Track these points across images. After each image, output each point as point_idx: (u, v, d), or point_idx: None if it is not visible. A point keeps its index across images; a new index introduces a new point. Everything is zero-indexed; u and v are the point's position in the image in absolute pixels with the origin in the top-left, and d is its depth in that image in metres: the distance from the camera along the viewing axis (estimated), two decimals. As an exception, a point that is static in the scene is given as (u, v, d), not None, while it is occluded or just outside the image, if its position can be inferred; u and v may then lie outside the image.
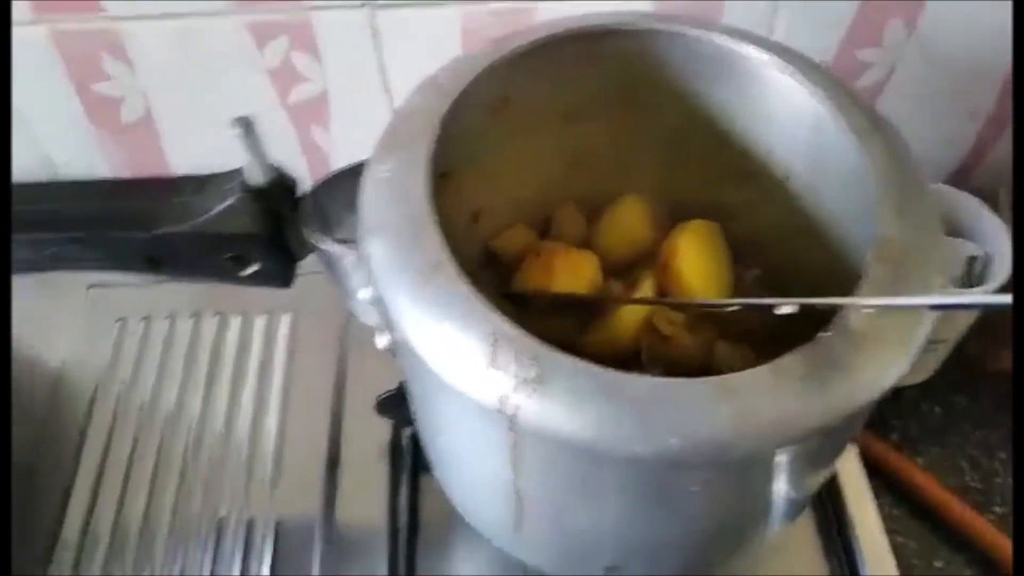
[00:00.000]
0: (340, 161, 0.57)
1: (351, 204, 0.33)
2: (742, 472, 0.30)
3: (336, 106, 0.55)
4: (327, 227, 0.33)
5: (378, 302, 0.32)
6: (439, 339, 0.28)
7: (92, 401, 0.53)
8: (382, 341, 0.33)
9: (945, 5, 0.52)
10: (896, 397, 0.54)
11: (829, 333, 0.27)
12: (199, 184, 0.32)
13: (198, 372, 0.54)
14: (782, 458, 0.29)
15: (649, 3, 0.51)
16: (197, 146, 0.57)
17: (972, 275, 0.49)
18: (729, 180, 0.43)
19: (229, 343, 0.55)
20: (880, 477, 0.50)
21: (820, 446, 0.32)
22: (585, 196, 0.47)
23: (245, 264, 0.32)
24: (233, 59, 0.52)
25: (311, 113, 0.55)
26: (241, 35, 0.50)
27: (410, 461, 0.50)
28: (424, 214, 0.31)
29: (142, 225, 0.31)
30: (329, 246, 0.32)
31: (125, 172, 0.59)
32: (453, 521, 0.47)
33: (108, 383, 0.54)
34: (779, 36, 0.52)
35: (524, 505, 0.32)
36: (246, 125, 0.28)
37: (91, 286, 0.58)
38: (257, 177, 0.30)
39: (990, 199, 0.51)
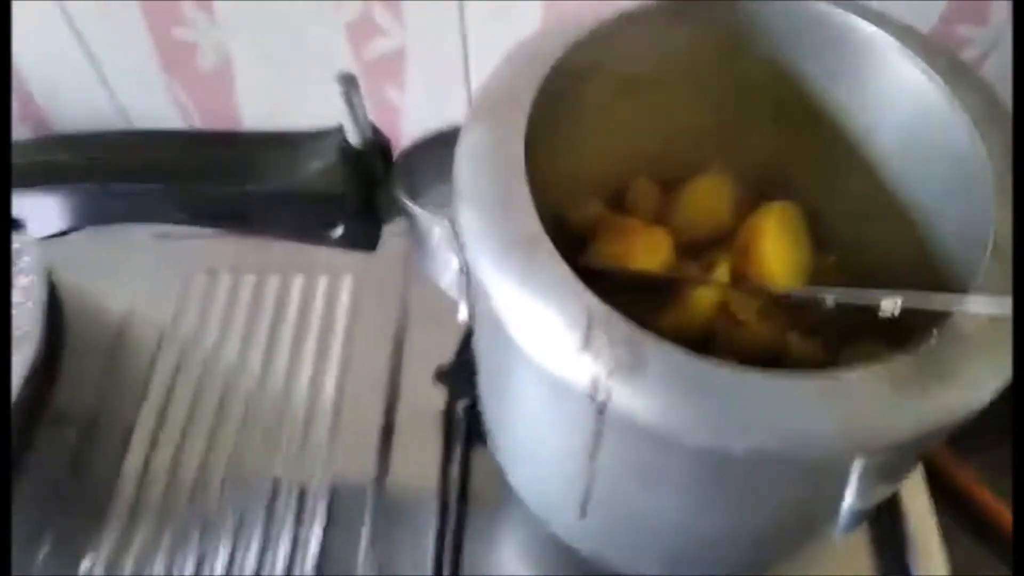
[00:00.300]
0: (411, 122, 0.57)
1: (438, 170, 0.32)
2: (823, 475, 0.30)
3: (412, 66, 0.54)
4: (414, 192, 0.33)
5: (466, 272, 0.31)
6: (531, 316, 0.28)
7: (155, 352, 0.53)
8: (464, 312, 0.33)
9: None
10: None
11: (938, 338, 0.26)
12: (294, 141, 0.31)
13: (260, 329, 0.54)
14: (863, 463, 0.28)
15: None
16: (271, 98, 0.57)
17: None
18: (819, 158, 0.42)
19: (292, 301, 0.55)
20: (930, 481, 0.49)
21: (905, 454, 0.31)
22: (663, 169, 0.46)
23: (333, 225, 0.32)
24: (311, 8, 0.51)
25: (387, 71, 0.54)
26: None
27: (463, 432, 0.50)
28: (518, 185, 0.30)
29: (233, 180, 0.30)
30: (419, 212, 0.32)
31: (197, 123, 0.59)
32: (502, 495, 0.47)
33: (172, 335, 0.54)
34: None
35: (593, 492, 0.32)
36: (349, 82, 0.28)
37: (157, 236, 0.58)
38: (356, 137, 0.30)
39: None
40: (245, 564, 0.46)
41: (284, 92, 0.55)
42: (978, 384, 0.26)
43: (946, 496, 0.49)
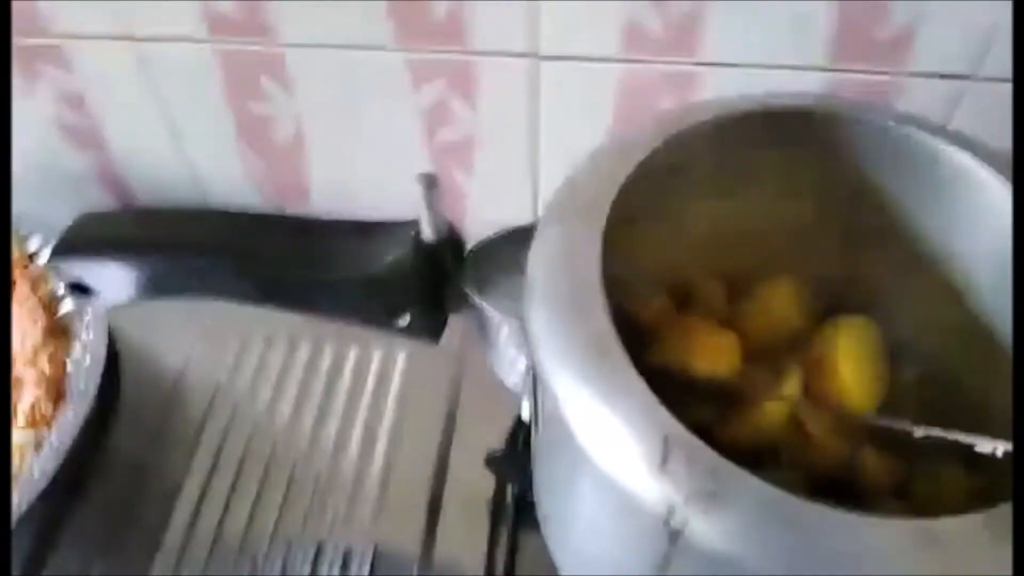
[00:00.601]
0: (478, 208, 0.57)
1: (507, 266, 0.32)
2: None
3: (481, 153, 0.54)
4: (482, 288, 0.32)
5: (532, 371, 0.30)
6: (602, 427, 0.26)
7: (207, 412, 0.54)
8: (526, 409, 0.32)
9: None
10: None
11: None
12: (368, 230, 0.31)
13: (312, 398, 0.54)
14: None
15: (820, 74, 0.49)
16: (341, 174, 0.58)
17: None
18: (896, 277, 0.41)
19: (345, 373, 0.56)
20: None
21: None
22: (729, 271, 0.45)
23: (400, 314, 0.32)
24: (387, 93, 0.52)
25: (456, 156, 0.55)
26: (399, 71, 0.50)
27: (512, 517, 0.49)
28: (593, 289, 0.29)
29: (306, 266, 0.30)
30: (487, 307, 0.31)
31: (270, 193, 0.60)
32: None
33: (224, 396, 0.55)
34: (957, 121, 0.49)
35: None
36: (429, 181, 0.28)
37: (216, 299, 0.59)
38: (430, 233, 0.30)
39: None
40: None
41: (354, 169, 0.56)
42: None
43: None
